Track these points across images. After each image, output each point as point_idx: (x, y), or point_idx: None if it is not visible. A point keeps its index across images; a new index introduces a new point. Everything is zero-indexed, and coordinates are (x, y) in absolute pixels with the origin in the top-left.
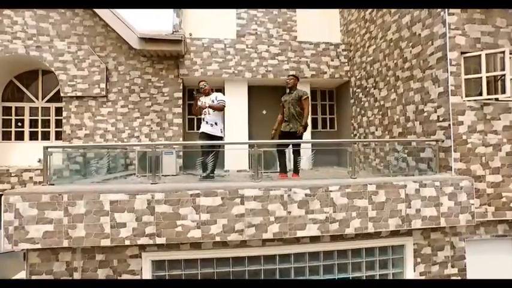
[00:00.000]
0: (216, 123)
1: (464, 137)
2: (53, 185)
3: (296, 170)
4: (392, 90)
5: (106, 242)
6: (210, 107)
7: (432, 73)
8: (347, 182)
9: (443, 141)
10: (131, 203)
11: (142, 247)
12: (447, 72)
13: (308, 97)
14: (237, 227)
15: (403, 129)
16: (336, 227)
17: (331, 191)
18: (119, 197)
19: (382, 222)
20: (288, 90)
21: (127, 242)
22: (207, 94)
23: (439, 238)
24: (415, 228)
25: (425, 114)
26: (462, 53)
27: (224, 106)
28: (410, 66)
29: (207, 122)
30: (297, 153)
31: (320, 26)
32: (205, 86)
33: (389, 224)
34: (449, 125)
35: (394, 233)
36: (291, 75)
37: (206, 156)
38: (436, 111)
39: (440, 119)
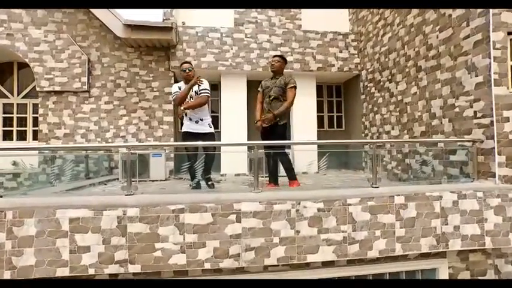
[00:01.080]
0: (201, 119)
1: (511, 136)
2: (1, 197)
3: (290, 177)
4: (413, 83)
5: (63, 272)
6: (188, 107)
7: (467, 60)
8: (369, 192)
9: (482, 141)
10: (97, 220)
11: (114, 274)
12: (489, 57)
13: (295, 86)
14: (232, 250)
15: (427, 127)
16: (355, 249)
17: (349, 205)
18: (81, 214)
19: (413, 243)
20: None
21: (91, 271)
22: (189, 80)
23: (480, 260)
24: (453, 249)
25: (457, 109)
26: (509, 33)
27: (208, 97)
28: (437, 53)
29: (190, 119)
30: (281, 155)
31: (327, 14)
32: (190, 70)
33: (422, 244)
34: (492, 122)
35: (425, 254)
36: (277, 56)
37: (194, 160)
38: (472, 106)
39: (478, 114)
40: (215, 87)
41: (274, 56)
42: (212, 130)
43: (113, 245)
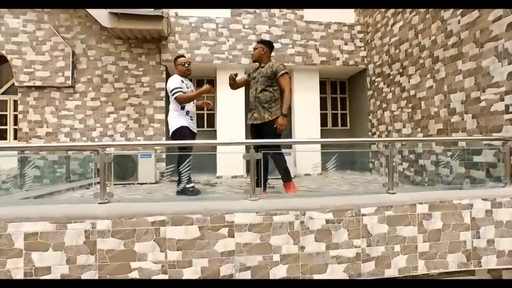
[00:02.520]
0: (194, 117)
1: None
2: None
3: (285, 178)
4: (428, 75)
5: None
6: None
7: (497, 46)
8: (386, 200)
9: None
10: (59, 236)
11: None
12: None
13: (287, 73)
14: (224, 270)
15: (445, 125)
16: (371, 267)
17: (364, 215)
18: (39, 227)
19: (439, 260)
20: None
21: None
22: (187, 76)
23: None
24: (486, 268)
25: (483, 103)
26: None
27: None
28: (458, 41)
29: (187, 113)
30: (278, 154)
31: None
32: (189, 64)
33: (449, 262)
34: None
35: (450, 272)
36: (258, 41)
37: (186, 161)
38: (503, 99)
39: (511, 109)
40: (210, 82)
41: (257, 41)
42: None
43: (79, 265)
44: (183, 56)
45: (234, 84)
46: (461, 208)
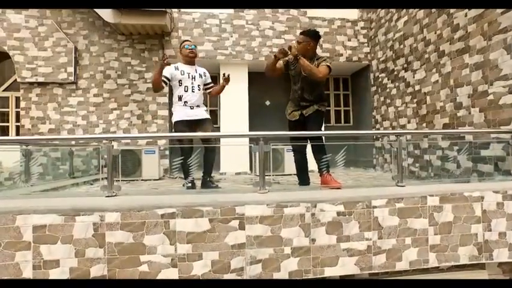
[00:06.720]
0: (198, 106)
1: None
2: None
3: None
4: (434, 70)
5: None
6: (215, 94)
7: (506, 38)
8: (397, 192)
9: None
10: (68, 228)
11: None
12: None
13: (330, 67)
14: (234, 263)
15: (451, 119)
16: (382, 260)
17: (374, 207)
18: (48, 220)
19: (450, 253)
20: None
21: None
22: (191, 62)
23: None
24: (497, 261)
25: (491, 97)
26: None
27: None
28: (465, 34)
29: (185, 103)
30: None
31: None
32: (193, 47)
33: (460, 255)
34: None
35: (459, 265)
36: (302, 33)
37: (189, 155)
38: (511, 92)
39: None
40: (213, 78)
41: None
42: (209, 116)
43: (88, 258)
44: (187, 40)
45: (274, 69)
46: (472, 200)
